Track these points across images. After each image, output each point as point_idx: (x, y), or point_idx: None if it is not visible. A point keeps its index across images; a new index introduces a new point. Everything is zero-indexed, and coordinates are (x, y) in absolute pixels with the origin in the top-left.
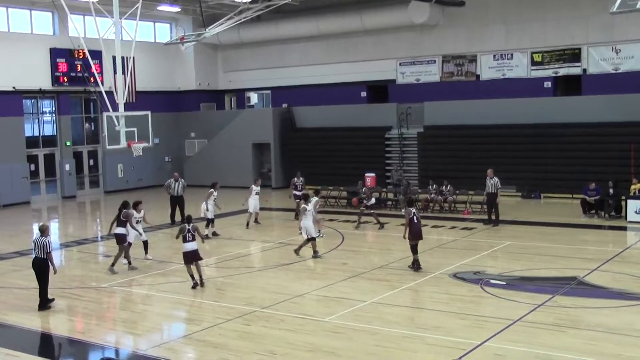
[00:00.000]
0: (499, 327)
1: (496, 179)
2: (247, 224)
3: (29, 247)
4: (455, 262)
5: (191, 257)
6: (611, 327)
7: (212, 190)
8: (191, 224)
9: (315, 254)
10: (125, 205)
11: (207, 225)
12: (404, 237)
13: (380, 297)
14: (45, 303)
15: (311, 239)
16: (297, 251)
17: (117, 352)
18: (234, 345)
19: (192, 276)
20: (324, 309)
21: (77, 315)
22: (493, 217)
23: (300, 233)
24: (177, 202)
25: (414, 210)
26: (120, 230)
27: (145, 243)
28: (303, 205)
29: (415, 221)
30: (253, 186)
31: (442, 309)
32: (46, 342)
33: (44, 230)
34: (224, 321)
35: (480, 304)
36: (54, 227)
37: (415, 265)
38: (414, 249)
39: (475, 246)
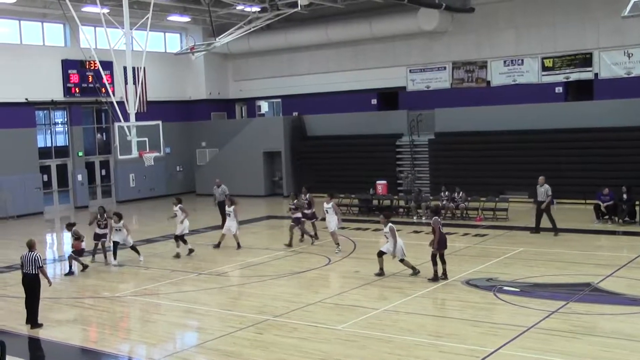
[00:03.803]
0: (513, 334)
1: (547, 186)
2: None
3: (43, 256)
4: (467, 269)
5: None
6: (626, 333)
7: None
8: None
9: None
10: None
11: (181, 241)
12: (430, 246)
13: (393, 304)
14: (36, 319)
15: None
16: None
17: None
18: (246, 353)
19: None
20: (336, 317)
21: (90, 324)
22: (547, 225)
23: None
24: (220, 208)
25: (440, 220)
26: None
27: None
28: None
29: (442, 230)
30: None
31: (455, 316)
32: (59, 352)
33: (31, 246)
34: (237, 330)
35: (493, 311)
36: (66, 237)
37: (436, 276)
38: (437, 259)
39: (487, 253)
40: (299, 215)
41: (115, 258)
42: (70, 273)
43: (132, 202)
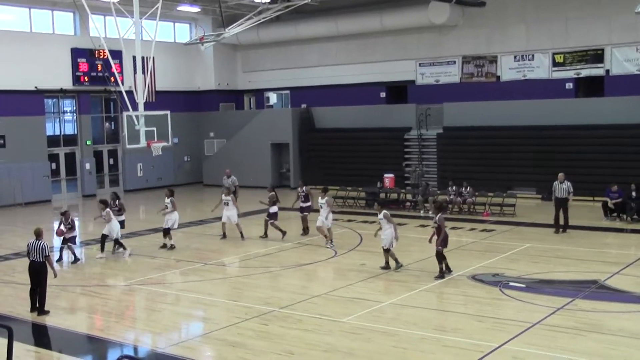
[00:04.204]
0: (518, 330)
1: (568, 183)
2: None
3: (50, 244)
4: (474, 264)
5: None
6: (633, 331)
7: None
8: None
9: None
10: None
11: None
12: (432, 242)
13: (399, 298)
14: (43, 307)
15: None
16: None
17: (135, 350)
18: (251, 344)
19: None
20: (341, 309)
21: (96, 312)
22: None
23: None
24: None
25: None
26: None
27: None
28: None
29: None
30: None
31: (461, 311)
32: (66, 339)
33: (39, 234)
34: (242, 320)
35: (498, 307)
36: (76, 225)
37: (442, 274)
38: (442, 256)
39: (494, 248)
40: (276, 209)
41: (102, 250)
42: (76, 260)
43: (139, 191)
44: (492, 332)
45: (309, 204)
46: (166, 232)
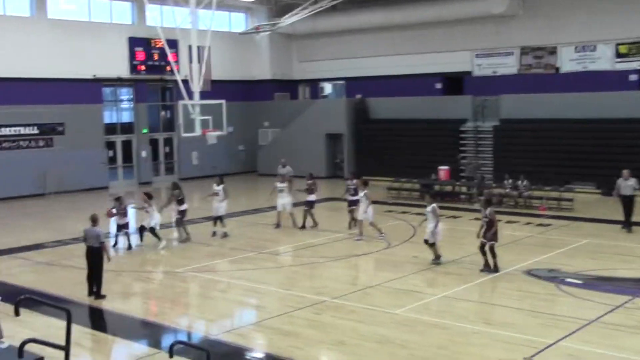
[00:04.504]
0: (574, 326)
1: (634, 179)
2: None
3: (106, 230)
4: (529, 259)
5: None
6: None
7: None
8: None
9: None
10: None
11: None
12: (480, 237)
13: (452, 291)
14: (100, 291)
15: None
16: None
17: (189, 335)
18: (303, 334)
19: None
20: (394, 301)
21: (151, 298)
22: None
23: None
24: None
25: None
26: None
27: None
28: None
29: None
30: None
31: (515, 306)
32: (121, 323)
33: (95, 220)
34: (295, 310)
35: (554, 303)
36: (130, 212)
37: (488, 268)
38: (493, 253)
39: (550, 243)
40: (314, 197)
41: (142, 240)
42: (132, 247)
43: (194, 179)
44: (546, 329)
45: (358, 197)
46: (217, 220)
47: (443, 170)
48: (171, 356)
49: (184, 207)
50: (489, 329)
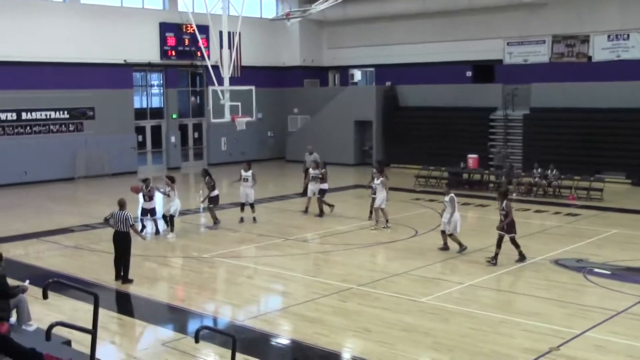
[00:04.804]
0: (602, 317)
1: None
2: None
3: (134, 214)
4: (557, 249)
5: None
6: None
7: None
8: None
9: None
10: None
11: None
12: (500, 230)
13: (478, 280)
14: (127, 275)
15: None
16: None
17: (215, 321)
18: (329, 320)
19: None
20: (420, 289)
21: (178, 283)
22: None
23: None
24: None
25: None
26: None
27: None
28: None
29: None
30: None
31: (542, 296)
32: (148, 308)
33: (122, 205)
34: (320, 296)
35: (582, 293)
36: (158, 197)
37: (495, 260)
38: (513, 242)
39: (579, 233)
40: (326, 186)
41: (172, 230)
42: (158, 232)
43: (222, 165)
44: (573, 319)
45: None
46: (244, 206)
47: (472, 158)
48: (197, 341)
49: (215, 193)
50: (514, 318)
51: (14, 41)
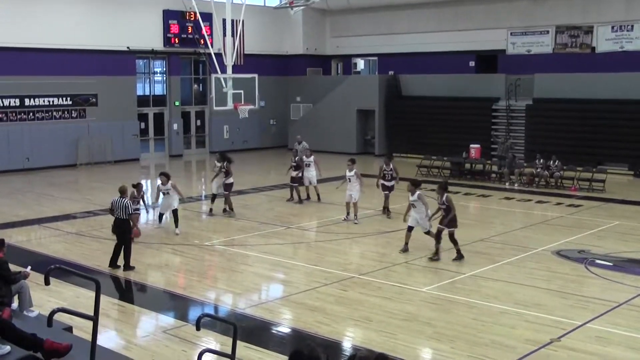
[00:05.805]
0: (603, 309)
1: None
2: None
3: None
4: (559, 240)
5: None
6: None
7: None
8: None
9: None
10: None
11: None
12: (442, 225)
13: (480, 270)
14: (129, 262)
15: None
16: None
17: (216, 309)
18: (330, 309)
19: None
20: (422, 278)
21: (179, 270)
22: None
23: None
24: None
25: None
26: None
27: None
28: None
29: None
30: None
31: (543, 287)
32: (148, 295)
33: (123, 192)
34: (321, 285)
35: (583, 284)
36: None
37: (437, 255)
38: (451, 238)
39: (581, 224)
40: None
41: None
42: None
43: (225, 152)
44: (575, 310)
45: (393, 183)
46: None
47: (474, 148)
48: (198, 329)
49: (230, 180)
50: (516, 308)
51: (17, 27)
